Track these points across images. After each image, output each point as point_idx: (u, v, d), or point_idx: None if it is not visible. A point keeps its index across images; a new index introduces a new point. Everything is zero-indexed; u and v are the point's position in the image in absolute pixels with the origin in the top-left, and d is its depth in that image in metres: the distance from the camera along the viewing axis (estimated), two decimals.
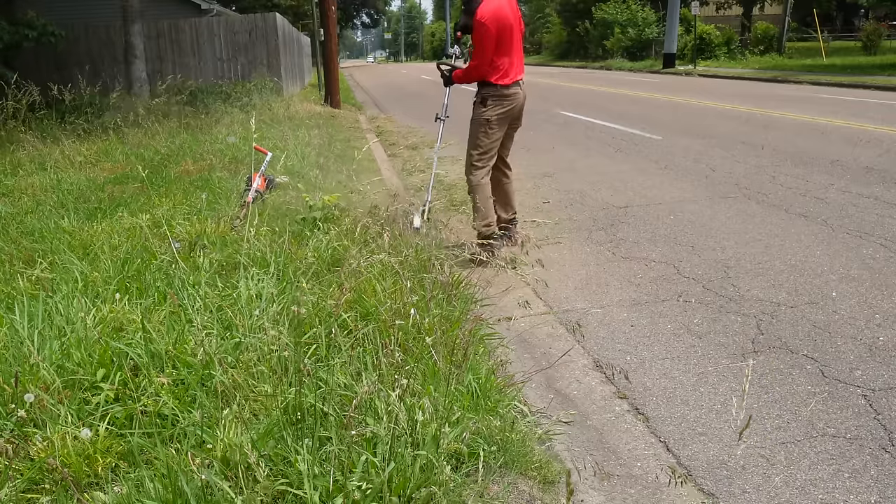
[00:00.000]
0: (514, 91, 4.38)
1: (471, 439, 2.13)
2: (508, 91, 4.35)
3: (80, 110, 10.69)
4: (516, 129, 4.61)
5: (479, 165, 4.46)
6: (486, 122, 4.37)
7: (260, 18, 16.11)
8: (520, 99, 4.44)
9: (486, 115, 4.36)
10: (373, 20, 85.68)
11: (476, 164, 4.46)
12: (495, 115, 4.35)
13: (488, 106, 4.36)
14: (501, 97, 4.34)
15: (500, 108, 4.36)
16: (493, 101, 4.34)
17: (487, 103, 4.36)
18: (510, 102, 4.38)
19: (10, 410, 2.15)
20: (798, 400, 2.74)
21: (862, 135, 8.97)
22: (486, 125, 4.37)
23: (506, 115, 4.39)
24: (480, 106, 4.41)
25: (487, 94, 4.36)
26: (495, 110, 4.35)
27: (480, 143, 4.42)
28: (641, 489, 2.25)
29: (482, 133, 4.40)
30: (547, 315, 3.69)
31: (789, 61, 26.20)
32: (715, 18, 35.10)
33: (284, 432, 2.04)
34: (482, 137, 4.41)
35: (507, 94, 4.35)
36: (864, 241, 4.59)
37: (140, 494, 1.85)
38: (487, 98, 4.37)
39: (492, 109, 4.35)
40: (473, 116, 4.46)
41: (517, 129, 4.61)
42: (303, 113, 12.00)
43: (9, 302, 3.15)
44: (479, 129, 4.41)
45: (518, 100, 4.42)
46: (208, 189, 5.73)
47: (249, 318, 2.76)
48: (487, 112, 4.36)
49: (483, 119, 4.38)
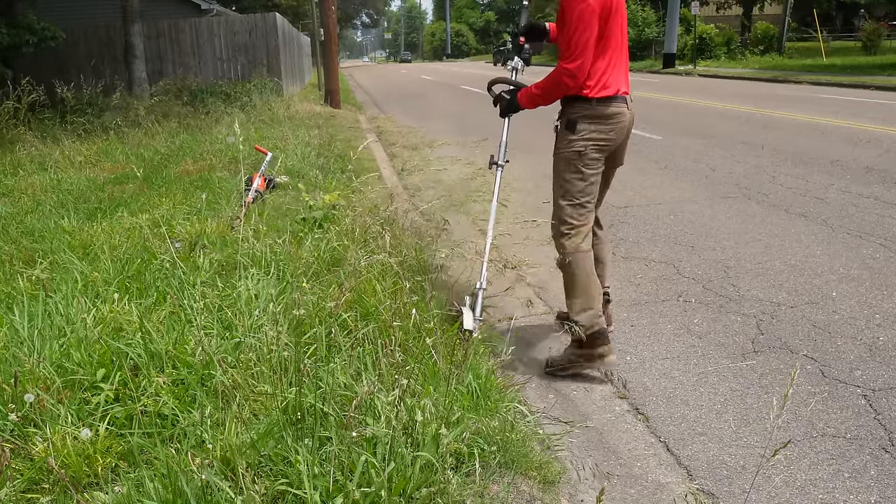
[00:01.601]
0: (618, 109, 2.99)
1: (471, 439, 2.13)
2: (609, 108, 2.96)
3: (81, 110, 10.70)
4: (616, 167, 3.23)
5: (576, 222, 3.04)
6: (578, 155, 2.99)
7: (260, 18, 16.12)
8: (626, 121, 3.04)
9: (579, 146, 2.98)
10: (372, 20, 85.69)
11: (570, 221, 3.04)
12: (592, 146, 2.98)
13: (580, 132, 2.99)
14: (600, 118, 2.96)
15: (598, 135, 2.98)
16: (588, 123, 2.98)
17: (578, 128, 2.99)
18: (613, 126, 2.99)
19: (10, 410, 2.15)
20: (798, 400, 2.74)
21: (862, 135, 8.97)
22: (579, 161, 3.00)
23: (607, 145, 3.02)
24: (568, 133, 3.02)
25: (578, 113, 2.98)
26: (592, 138, 2.98)
27: (573, 189, 3.03)
28: (641, 489, 2.25)
29: (574, 173, 3.02)
30: (547, 315, 3.68)
31: (789, 61, 26.21)
32: (715, 18, 35.12)
33: (284, 432, 2.04)
34: (575, 180, 3.02)
35: (608, 112, 2.96)
36: (864, 241, 4.60)
37: (140, 494, 1.85)
38: (578, 120, 2.99)
39: (587, 137, 2.98)
40: (558, 150, 3.09)
41: (617, 167, 3.23)
42: (303, 113, 12.01)
43: (9, 302, 3.16)
44: (570, 167, 3.02)
45: (624, 122, 3.02)
46: (208, 189, 5.74)
47: (249, 318, 2.76)
48: (580, 141, 2.98)
49: (574, 152, 3.00)
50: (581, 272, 3.03)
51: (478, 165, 7.79)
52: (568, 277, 3.07)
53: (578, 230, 3.03)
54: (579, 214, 3.04)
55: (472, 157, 8.36)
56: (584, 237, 3.05)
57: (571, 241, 3.03)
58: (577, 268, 3.03)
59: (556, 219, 3.12)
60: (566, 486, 2.19)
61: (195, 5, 18.49)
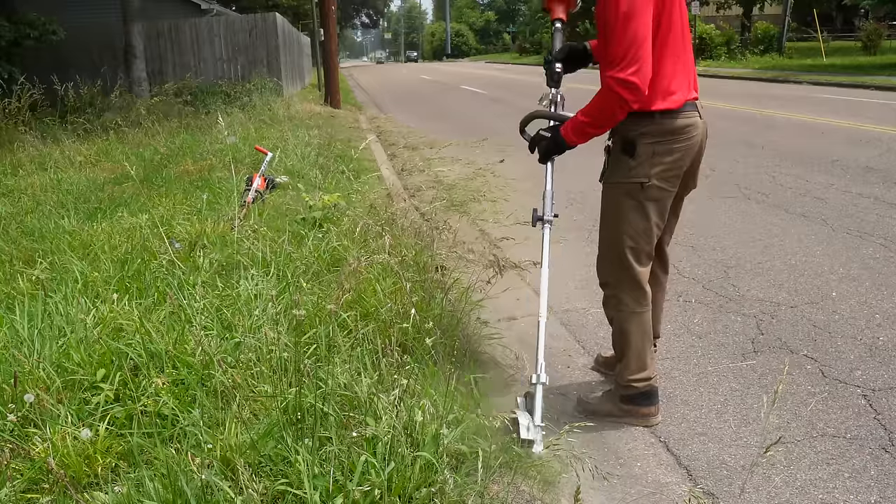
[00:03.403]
0: (689, 119, 2.32)
1: (471, 439, 2.13)
2: (678, 121, 2.30)
3: (81, 110, 10.70)
4: (687, 192, 2.55)
5: (632, 270, 2.43)
6: (639, 188, 2.33)
7: (260, 18, 16.12)
8: (699, 134, 2.37)
9: (640, 176, 2.31)
10: (372, 20, 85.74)
11: (624, 270, 2.44)
12: (658, 173, 2.31)
13: (641, 156, 2.30)
14: (667, 135, 2.29)
15: (667, 158, 2.30)
16: (652, 144, 2.29)
17: (639, 151, 2.30)
18: (684, 143, 2.32)
19: (9, 410, 2.15)
20: (798, 400, 2.74)
21: (862, 135, 8.97)
22: (639, 195, 2.34)
23: (678, 170, 2.34)
24: (624, 158, 2.34)
25: (637, 130, 2.30)
26: (658, 163, 2.30)
27: (631, 230, 2.39)
28: (641, 489, 2.25)
29: (634, 210, 2.36)
30: (548, 315, 3.68)
31: (789, 61, 26.20)
32: (715, 18, 35.08)
33: (284, 432, 2.04)
34: (635, 218, 2.37)
35: (678, 126, 2.30)
36: (864, 241, 4.59)
37: (140, 494, 1.85)
38: (638, 140, 2.30)
39: (650, 162, 2.30)
40: (608, 181, 2.45)
41: (689, 191, 2.56)
42: (303, 113, 12.01)
43: (9, 302, 3.16)
44: (626, 203, 2.37)
45: (697, 136, 2.35)
46: (208, 189, 5.73)
47: (249, 319, 2.76)
48: (642, 168, 2.31)
49: (633, 184, 2.34)
50: (637, 329, 2.47)
51: (478, 165, 7.78)
52: (620, 335, 2.53)
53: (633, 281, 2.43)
54: (635, 259, 2.40)
55: (472, 158, 8.35)
56: (640, 293, 2.45)
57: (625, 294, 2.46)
58: (630, 325, 2.47)
59: (604, 268, 2.53)
60: (566, 486, 2.19)
61: (195, 5, 18.50)
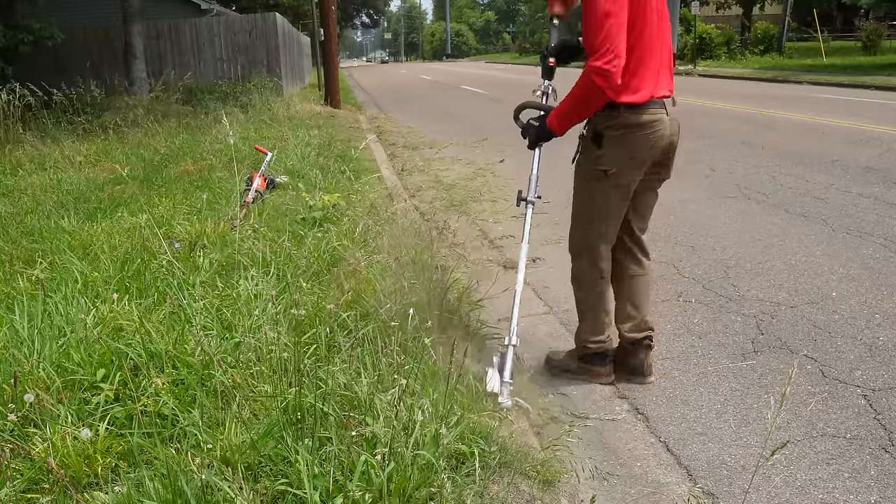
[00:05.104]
0: (654, 116, 2.53)
1: (470, 439, 2.13)
2: (643, 116, 2.51)
3: (80, 110, 10.70)
4: (661, 181, 2.78)
5: (596, 246, 2.74)
6: (603, 175, 2.59)
7: (260, 18, 16.12)
8: (664, 130, 2.56)
9: (605, 164, 2.57)
10: (372, 20, 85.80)
11: (587, 244, 2.76)
12: (621, 162, 2.56)
13: (606, 146, 2.56)
14: (633, 128, 2.52)
15: (628, 150, 2.54)
16: (616, 136, 2.53)
17: (604, 142, 2.55)
18: (648, 138, 2.53)
19: (9, 410, 2.15)
20: (798, 400, 2.74)
21: (862, 135, 8.97)
22: (604, 181, 2.60)
23: (640, 162, 2.59)
24: (593, 147, 2.60)
25: (603, 123, 2.54)
26: (620, 154, 2.55)
27: (596, 211, 2.69)
28: (641, 489, 2.25)
29: (599, 193, 2.65)
30: (547, 315, 3.69)
31: (789, 61, 26.21)
32: (715, 18, 35.08)
33: (284, 432, 2.04)
34: (600, 201, 2.66)
35: (641, 121, 2.51)
36: (864, 241, 4.60)
37: (140, 494, 1.85)
38: (604, 132, 2.55)
39: (614, 153, 2.55)
40: (581, 164, 2.71)
41: (662, 181, 2.79)
42: (303, 113, 12.01)
43: (9, 302, 3.15)
44: (593, 186, 2.65)
45: (662, 132, 2.56)
46: (208, 189, 5.74)
47: (249, 319, 2.76)
48: (606, 158, 2.57)
49: (598, 171, 2.60)
50: (594, 297, 2.81)
51: (478, 165, 7.79)
52: (580, 301, 2.89)
53: (595, 252, 2.75)
54: (597, 236, 2.71)
55: (472, 158, 8.35)
56: (603, 261, 2.77)
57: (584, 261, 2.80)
58: (589, 291, 2.81)
59: (572, 240, 2.85)
60: (566, 486, 2.19)
61: (195, 5, 18.49)
